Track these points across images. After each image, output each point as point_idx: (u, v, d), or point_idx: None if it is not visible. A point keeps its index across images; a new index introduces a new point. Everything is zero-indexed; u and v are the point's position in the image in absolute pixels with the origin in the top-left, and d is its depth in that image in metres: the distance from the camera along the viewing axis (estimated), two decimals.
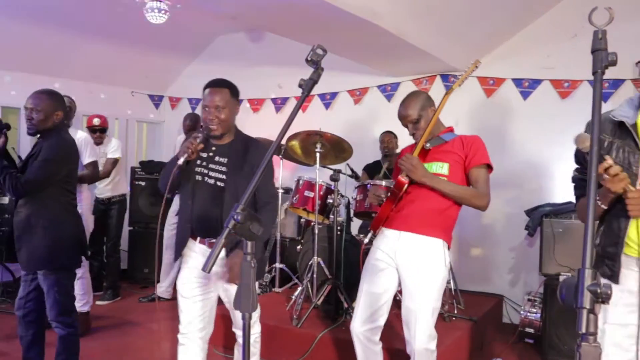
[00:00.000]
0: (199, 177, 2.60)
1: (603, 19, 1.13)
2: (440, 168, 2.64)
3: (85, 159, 4.21)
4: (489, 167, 2.70)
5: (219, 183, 2.57)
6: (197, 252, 2.64)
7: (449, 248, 2.67)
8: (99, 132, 5.03)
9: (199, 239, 2.63)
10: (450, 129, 2.79)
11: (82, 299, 4.29)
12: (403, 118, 2.76)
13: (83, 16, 5.39)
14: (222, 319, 4.06)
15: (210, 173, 2.59)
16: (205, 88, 2.60)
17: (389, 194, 2.73)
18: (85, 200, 4.40)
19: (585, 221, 1.04)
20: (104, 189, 5.21)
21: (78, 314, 4.14)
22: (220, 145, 2.64)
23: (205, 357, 2.69)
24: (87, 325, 4.31)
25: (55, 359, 3.06)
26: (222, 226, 2.31)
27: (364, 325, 2.67)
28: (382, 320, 2.70)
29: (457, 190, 2.61)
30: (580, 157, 2.09)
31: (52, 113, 2.96)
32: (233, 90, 2.62)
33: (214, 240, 2.54)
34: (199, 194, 2.59)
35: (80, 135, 4.27)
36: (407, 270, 2.59)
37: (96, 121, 5.03)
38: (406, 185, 2.64)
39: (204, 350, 2.67)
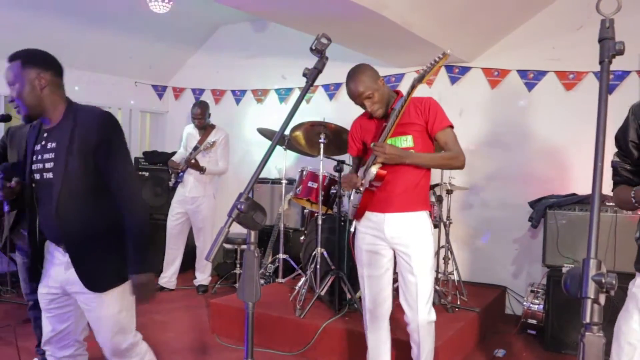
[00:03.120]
0: (37, 176, 2.10)
1: (611, 7, 1.12)
2: (405, 141, 2.69)
3: None
4: (452, 127, 2.72)
5: (50, 175, 2.07)
6: (51, 256, 2.20)
7: (430, 210, 2.82)
8: None
9: (53, 244, 2.17)
10: (400, 95, 2.76)
11: None
12: (357, 96, 2.69)
13: (87, 6, 5.37)
14: (225, 308, 4.08)
15: (46, 165, 2.08)
16: None
17: (362, 184, 2.72)
18: None
19: (591, 212, 1.03)
20: None
21: None
22: (51, 129, 2.11)
23: None
24: None
25: None
26: (61, 229, 2.05)
27: (376, 305, 2.79)
28: (389, 300, 2.82)
29: (433, 158, 2.69)
30: (622, 142, 2.02)
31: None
32: (27, 59, 2.07)
33: (60, 250, 2.14)
34: (41, 196, 2.11)
35: None
36: (401, 245, 2.69)
37: None
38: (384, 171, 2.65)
39: None
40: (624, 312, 1.92)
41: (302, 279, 4.20)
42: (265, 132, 5.25)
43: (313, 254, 4.09)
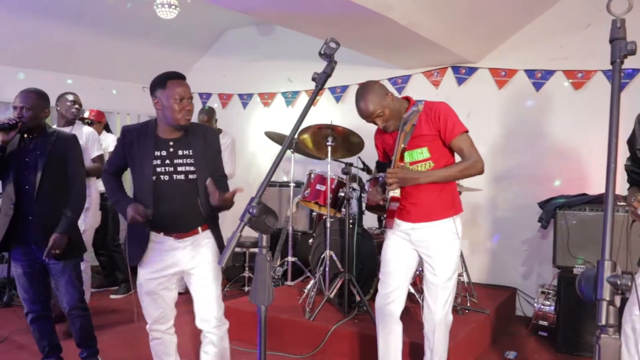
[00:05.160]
0: (165, 177, 2.52)
1: (621, 7, 1.11)
2: (421, 154, 2.71)
3: (94, 152, 4.30)
4: (466, 131, 2.72)
5: (191, 176, 2.54)
6: (160, 244, 2.58)
7: (461, 212, 2.81)
8: (88, 125, 5.08)
9: (162, 233, 2.57)
10: (412, 102, 2.77)
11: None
12: (368, 116, 2.70)
13: (94, 12, 5.41)
14: (234, 311, 4.09)
15: (178, 168, 2.54)
16: (170, 79, 2.58)
17: (386, 198, 2.70)
18: (94, 195, 4.40)
19: (605, 215, 1.02)
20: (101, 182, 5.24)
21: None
22: (177, 139, 2.58)
23: (176, 341, 2.81)
24: None
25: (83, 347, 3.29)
26: (202, 216, 2.58)
27: (387, 301, 2.80)
28: (402, 298, 2.83)
29: (449, 173, 2.69)
30: (630, 148, 2.20)
31: (41, 111, 3.08)
32: None
33: (181, 233, 2.56)
34: (165, 192, 2.52)
35: (86, 130, 4.35)
36: (425, 249, 2.73)
37: (86, 114, 5.09)
38: (399, 195, 2.66)
39: (173, 336, 2.78)
40: (629, 303, 2.10)
41: (311, 282, 4.20)
42: (272, 136, 5.25)
43: (322, 256, 4.08)
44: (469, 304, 4.14)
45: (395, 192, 2.63)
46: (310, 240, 4.63)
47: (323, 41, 1.57)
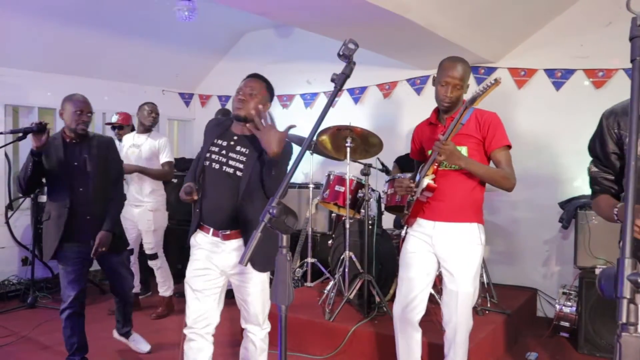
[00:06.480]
0: (215, 165, 2.56)
1: None
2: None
3: (164, 158, 4.66)
4: (509, 147, 2.70)
5: (238, 172, 2.53)
6: (210, 245, 2.58)
7: (483, 224, 2.74)
8: (117, 129, 5.17)
9: (212, 230, 2.56)
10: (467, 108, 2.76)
11: (164, 285, 4.82)
12: (447, 75, 2.64)
13: (114, 17, 5.49)
14: None
15: (230, 162, 2.55)
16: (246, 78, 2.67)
17: (415, 191, 2.70)
18: (162, 197, 4.78)
19: (625, 211, 1.02)
20: None
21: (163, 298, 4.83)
22: (242, 136, 2.61)
23: (212, 351, 2.66)
24: (170, 307, 4.84)
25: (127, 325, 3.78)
26: (235, 217, 2.52)
27: (406, 309, 2.75)
28: (423, 305, 2.77)
29: (488, 171, 2.65)
30: (601, 153, 1.99)
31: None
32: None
33: (228, 232, 2.53)
34: (212, 181, 2.55)
35: (160, 138, 4.76)
36: (446, 254, 2.67)
37: (114, 118, 5.20)
38: (435, 184, 2.64)
39: (211, 344, 2.65)
40: None
41: (331, 283, 4.21)
42: (291, 137, 5.27)
43: (341, 257, 4.09)
44: (489, 305, 4.11)
45: (431, 180, 2.60)
46: (330, 242, 4.64)
47: (341, 43, 1.58)
